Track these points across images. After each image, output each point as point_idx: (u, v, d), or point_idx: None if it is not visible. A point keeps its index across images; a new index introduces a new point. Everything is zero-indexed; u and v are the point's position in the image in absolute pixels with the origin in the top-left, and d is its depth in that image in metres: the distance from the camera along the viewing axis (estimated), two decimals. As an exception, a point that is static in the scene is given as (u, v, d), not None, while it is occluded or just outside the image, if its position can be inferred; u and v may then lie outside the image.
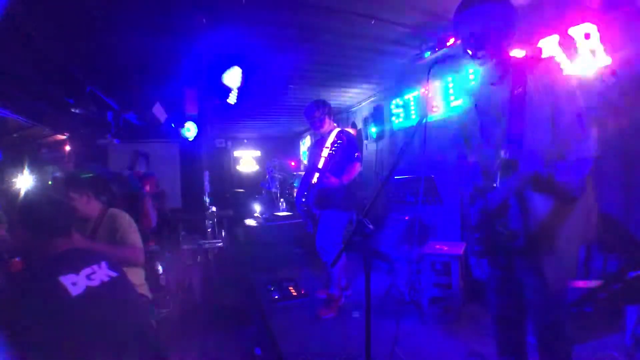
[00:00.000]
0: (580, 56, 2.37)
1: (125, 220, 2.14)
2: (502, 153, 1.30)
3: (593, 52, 2.31)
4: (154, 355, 1.36)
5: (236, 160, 9.77)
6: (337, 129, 3.28)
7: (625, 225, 2.31)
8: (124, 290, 1.41)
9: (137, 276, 2.15)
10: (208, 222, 4.63)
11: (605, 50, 2.27)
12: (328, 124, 3.28)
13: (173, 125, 5.26)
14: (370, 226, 1.41)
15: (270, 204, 6.07)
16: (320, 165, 3.12)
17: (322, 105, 3.25)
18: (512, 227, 1.33)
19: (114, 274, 1.35)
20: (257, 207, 5.55)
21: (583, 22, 2.34)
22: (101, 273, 1.31)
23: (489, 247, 1.44)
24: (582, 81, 2.29)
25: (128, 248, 2.03)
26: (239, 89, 3.60)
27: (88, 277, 1.26)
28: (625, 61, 2.19)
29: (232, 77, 3.42)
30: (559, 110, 1.24)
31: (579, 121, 1.21)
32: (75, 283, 1.20)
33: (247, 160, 9.87)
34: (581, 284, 2.31)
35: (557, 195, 1.25)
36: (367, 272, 1.44)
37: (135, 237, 2.11)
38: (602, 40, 2.28)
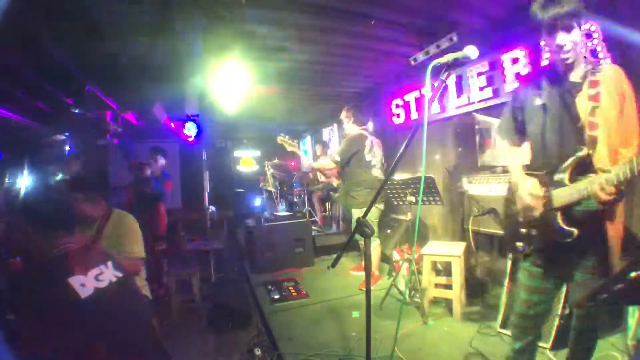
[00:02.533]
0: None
1: (132, 226, 2.12)
2: (578, 151, 1.36)
3: (594, 51, 2.31)
4: (156, 355, 1.36)
5: (236, 160, 9.77)
6: (354, 133, 3.57)
7: (626, 225, 2.30)
8: (129, 291, 1.41)
9: (138, 277, 2.15)
10: (208, 222, 4.63)
11: (605, 49, 2.27)
12: (349, 127, 3.63)
13: (173, 125, 5.26)
14: (370, 226, 1.41)
15: (270, 204, 6.07)
16: None
17: (347, 109, 3.64)
18: (568, 224, 1.39)
19: (119, 274, 1.35)
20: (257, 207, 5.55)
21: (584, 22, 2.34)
22: (108, 273, 1.30)
23: (541, 243, 1.48)
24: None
25: (131, 261, 2.01)
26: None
27: (96, 278, 1.25)
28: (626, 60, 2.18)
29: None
30: (627, 116, 1.35)
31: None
32: (83, 284, 1.19)
33: (247, 160, 9.87)
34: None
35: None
36: (367, 272, 1.43)
37: (138, 247, 2.09)
38: (603, 39, 2.28)
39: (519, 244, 1.57)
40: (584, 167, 1.36)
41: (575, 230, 1.36)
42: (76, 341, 1.10)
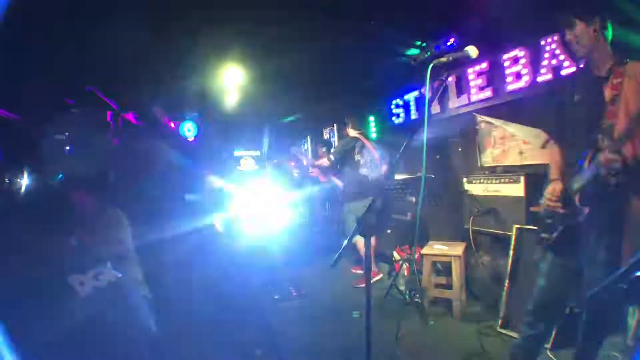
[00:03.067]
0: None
1: (117, 216, 2.13)
2: (599, 140, 1.43)
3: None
4: (155, 355, 1.36)
5: (236, 160, 9.77)
6: (349, 136, 3.96)
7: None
8: (128, 291, 1.41)
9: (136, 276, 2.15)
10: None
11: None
12: (348, 130, 4.03)
13: (173, 125, 5.26)
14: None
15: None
16: None
17: (349, 116, 4.07)
18: (582, 203, 1.49)
19: (118, 275, 1.35)
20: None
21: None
22: (107, 273, 1.31)
23: (561, 230, 1.57)
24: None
25: (118, 245, 2.03)
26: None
27: (95, 277, 1.26)
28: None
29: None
30: None
31: None
32: (82, 283, 1.20)
33: (247, 160, 9.87)
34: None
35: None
36: (367, 272, 1.43)
37: (124, 233, 2.10)
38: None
39: (545, 236, 1.65)
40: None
41: (586, 208, 1.47)
42: (74, 339, 1.10)
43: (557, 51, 2.54)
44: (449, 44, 3.11)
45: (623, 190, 1.41)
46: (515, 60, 2.99)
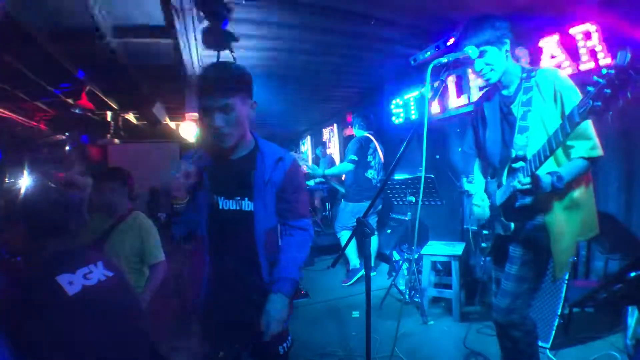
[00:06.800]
0: (581, 56, 2.37)
1: (150, 230, 2.15)
2: (512, 153, 1.42)
3: (593, 51, 2.31)
4: (152, 355, 1.36)
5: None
6: (361, 135, 3.90)
7: (626, 225, 2.31)
8: (121, 289, 1.40)
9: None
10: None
11: (605, 49, 2.27)
12: (352, 130, 4.14)
13: (173, 125, 5.26)
14: (371, 226, 1.42)
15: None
16: None
17: (356, 116, 4.09)
18: (507, 219, 1.50)
19: (109, 274, 1.35)
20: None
21: (583, 22, 2.34)
22: (97, 272, 1.31)
23: (494, 242, 1.61)
24: (583, 81, 2.29)
25: (158, 266, 2.13)
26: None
27: (84, 276, 1.25)
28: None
29: None
30: (568, 116, 1.27)
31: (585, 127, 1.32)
32: (71, 282, 1.20)
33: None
34: (581, 283, 2.31)
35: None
36: (367, 272, 1.43)
37: (158, 249, 2.15)
38: (603, 39, 2.28)
39: (485, 246, 1.71)
40: (519, 171, 1.41)
41: (512, 224, 1.49)
42: (64, 338, 1.11)
43: (556, 52, 2.54)
44: (449, 44, 3.10)
45: (538, 209, 1.42)
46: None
